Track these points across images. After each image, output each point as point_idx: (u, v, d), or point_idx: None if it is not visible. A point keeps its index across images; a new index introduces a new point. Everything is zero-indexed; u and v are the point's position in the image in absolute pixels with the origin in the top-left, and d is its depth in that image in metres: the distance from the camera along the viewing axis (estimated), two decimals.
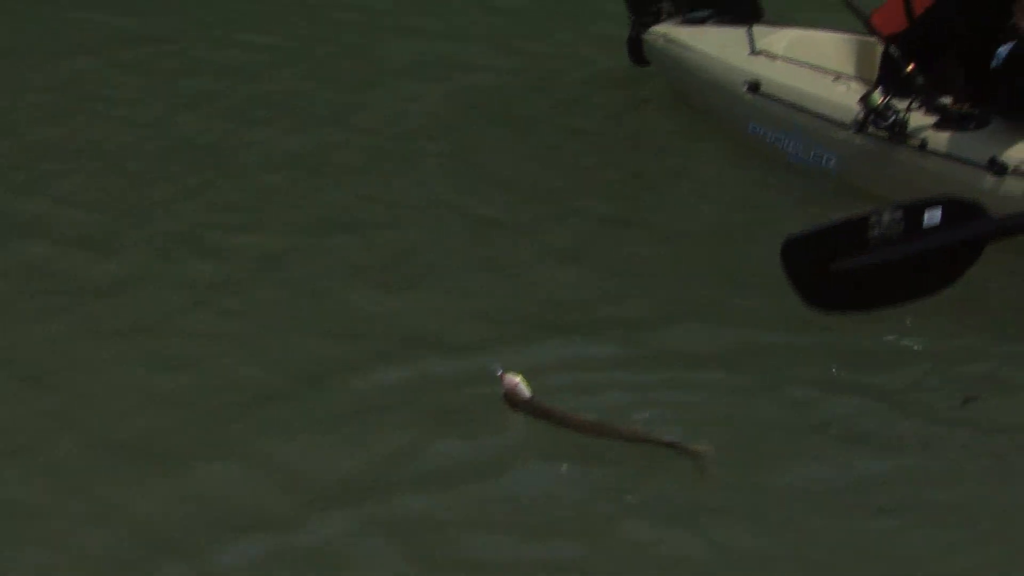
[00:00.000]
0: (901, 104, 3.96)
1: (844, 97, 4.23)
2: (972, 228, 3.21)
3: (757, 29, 4.81)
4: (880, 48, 4.37)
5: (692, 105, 4.90)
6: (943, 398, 3.11)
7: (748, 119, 4.51)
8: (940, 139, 3.85)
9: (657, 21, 5.14)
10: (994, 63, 3.77)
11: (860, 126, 4.05)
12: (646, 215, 4.25)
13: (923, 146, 3.85)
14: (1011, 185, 3.61)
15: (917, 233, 3.19)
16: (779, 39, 4.69)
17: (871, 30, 4.38)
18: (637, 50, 5.21)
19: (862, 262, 3.19)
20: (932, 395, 3.14)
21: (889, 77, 4.06)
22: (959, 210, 3.23)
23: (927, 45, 4.08)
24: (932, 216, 3.19)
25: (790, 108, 4.33)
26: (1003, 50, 3.69)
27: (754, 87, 4.48)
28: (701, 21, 5.06)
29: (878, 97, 3.95)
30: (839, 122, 4.14)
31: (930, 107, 3.95)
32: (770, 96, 4.42)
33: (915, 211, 3.20)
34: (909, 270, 3.19)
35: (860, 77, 4.43)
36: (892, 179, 3.91)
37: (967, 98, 3.92)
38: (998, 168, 3.68)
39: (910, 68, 3.93)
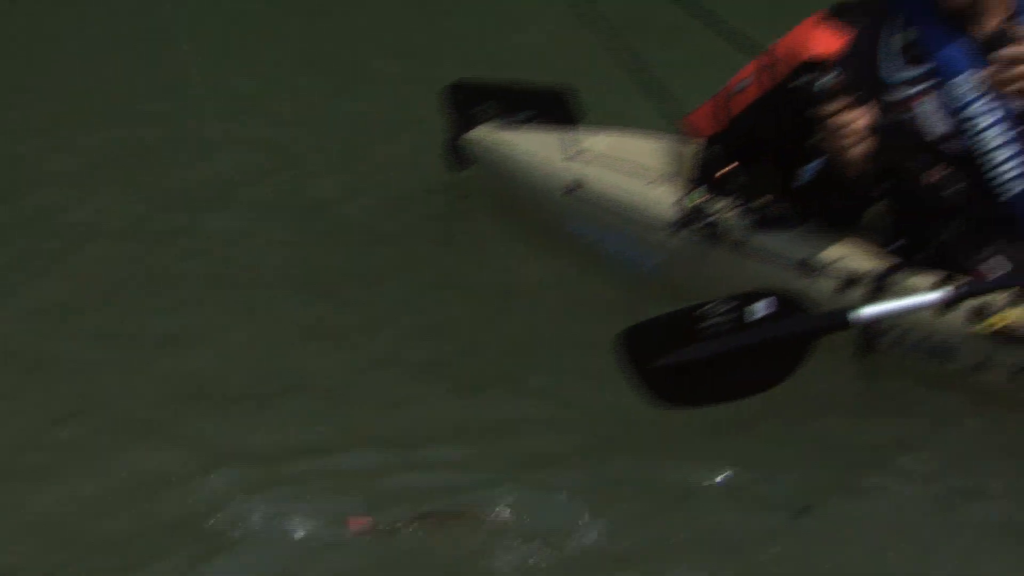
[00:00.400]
0: (718, 205, 4.03)
1: (662, 198, 4.29)
2: (796, 323, 3.25)
3: (576, 131, 4.88)
4: (695, 150, 4.46)
5: (513, 207, 4.93)
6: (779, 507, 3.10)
7: (568, 220, 4.54)
8: (755, 240, 3.91)
9: (477, 124, 5.18)
10: (802, 179, 3.85)
11: (678, 227, 4.10)
12: (462, 320, 4.23)
13: (739, 246, 3.92)
14: (821, 285, 3.67)
15: (747, 326, 3.21)
16: (598, 141, 4.77)
17: (687, 132, 4.45)
18: (457, 154, 5.23)
19: (694, 354, 3.20)
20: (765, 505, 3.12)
21: (706, 178, 4.13)
22: (785, 304, 3.27)
23: (742, 147, 4.17)
24: (760, 308, 3.23)
25: (609, 209, 4.38)
26: (810, 168, 3.78)
27: (573, 189, 4.52)
28: (521, 123, 5.11)
29: (696, 198, 4.02)
30: (657, 223, 4.19)
31: (746, 208, 4.02)
32: (589, 198, 4.46)
33: (745, 303, 3.24)
34: (740, 364, 3.21)
35: (677, 178, 4.50)
36: (709, 279, 3.96)
37: (782, 199, 3.99)
38: (809, 269, 3.74)
39: (726, 170, 3.99)
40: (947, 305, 3.35)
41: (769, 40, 4.13)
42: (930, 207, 3.65)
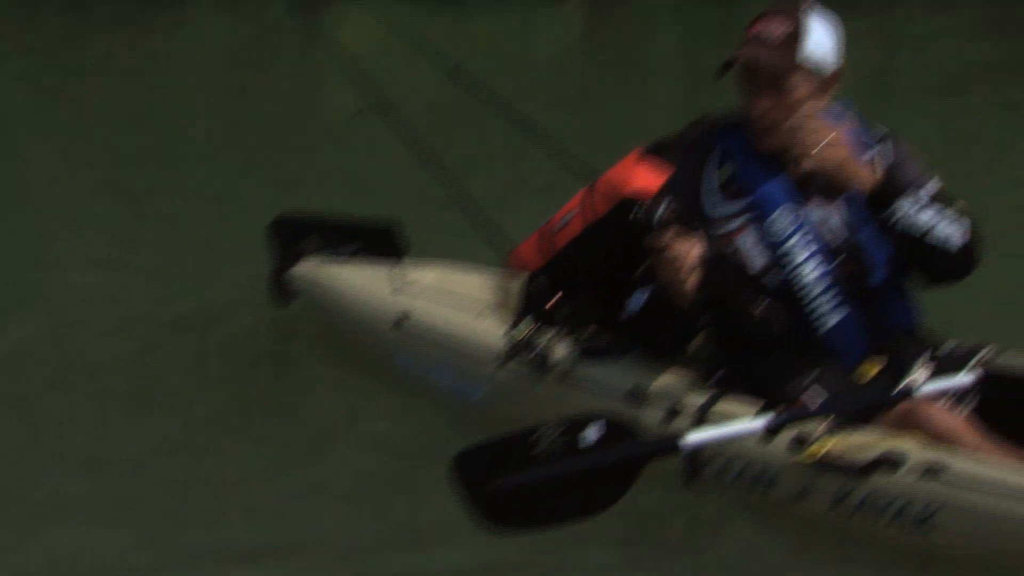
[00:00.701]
0: (545, 336, 4.07)
1: (488, 330, 4.32)
2: (627, 448, 3.30)
3: (402, 265, 4.92)
4: (522, 282, 4.52)
5: (342, 340, 4.92)
6: None
7: (396, 353, 4.54)
8: (582, 370, 3.95)
9: (302, 258, 5.17)
10: (629, 310, 3.91)
11: (505, 359, 4.13)
12: (292, 458, 4.17)
13: (566, 377, 3.96)
14: (649, 414, 3.72)
15: (578, 450, 3.24)
16: (424, 275, 4.81)
17: (514, 265, 4.51)
18: (282, 287, 5.21)
19: (527, 479, 3.21)
20: None
21: (532, 310, 4.18)
22: (616, 429, 3.32)
23: (567, 279, 4.23)
24: (591, 434, 3.26)
25: (436, 342, 4.40)
26: (637, 299, 3.85)
27: (400, 322, 4.52)
28: (347, 257, 5.12)
29: (523, 329, 4.05)
30: (485, 356, 4.21)
31: (572, 339, 4.06)
32: (416, 331, 4.47)
33: (576, 428, 3.27)
34: (572, 488, 3.22)
35: (503, 311, 4.55)
36: (538, 410, 3.96)
37: (607, 330, 4.05)
38: (636, 399, 3.80)
39: (552, 302, 4.05)
40: (770, 433, 3.42)
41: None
42: (752, 338, 3.74)
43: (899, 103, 10.73)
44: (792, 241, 3.70)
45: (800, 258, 3.69)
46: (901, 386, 3.60)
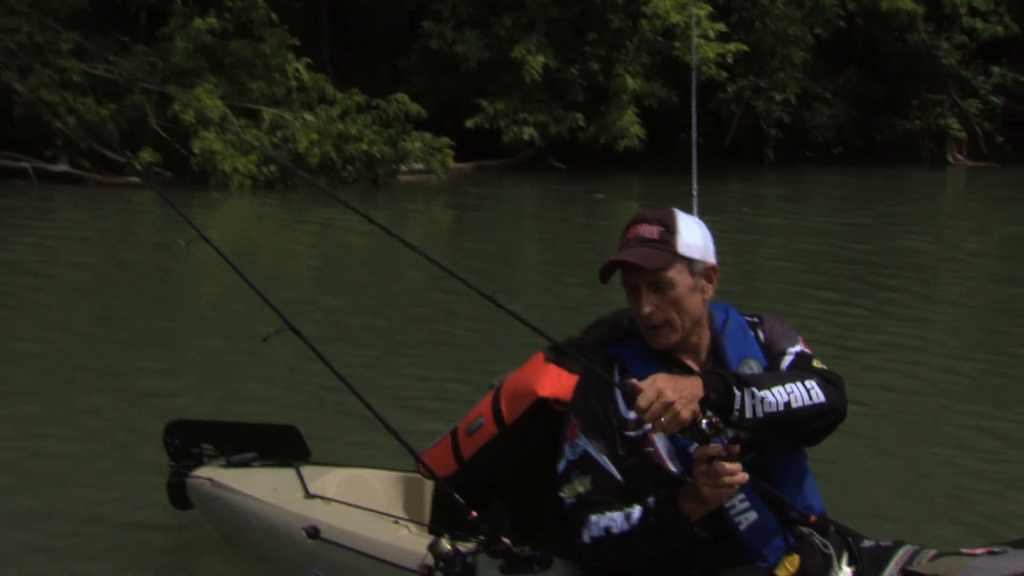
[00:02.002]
0: (467, 548, 4.04)
1: (406, 541, 4.29)
2: None
3: (307, 470, 4.84)
4: (434, 490, 4.51)
5: (244, 549, 4.84)
6: None
7: (308, 565, 4.48)
8: None
9: (199, 464, 5.10)
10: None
11: (428, 572, 4.10)
12: None
13: None
14: None
15: None
16: (331, 480, 4.74)
17: (423, 472, 4.48)
18: (179, 495, 5.12)
19: None
20: None
21: (450, 521, 4.16)
22: None
23: (481, 487, 4.23)
24: None
25: (352, 553, 4.35)
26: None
27: (313, 532, 4.47)
28: (247, 464, 5.04)
29: (446, 544, 4.02)
30: (405, 568, 4.18)
31: (494, 551, 4.04)
32: (331, 541, 4.42)
33: None
34: None
35: (416, 517, 4.54)
36: None
37: (523, 540, 4.05)
38: None
39: (474, 514, 4.03)
40: None
41: None
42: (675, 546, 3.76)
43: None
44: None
45: None
46: None
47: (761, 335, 3.87)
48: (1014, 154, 21.02)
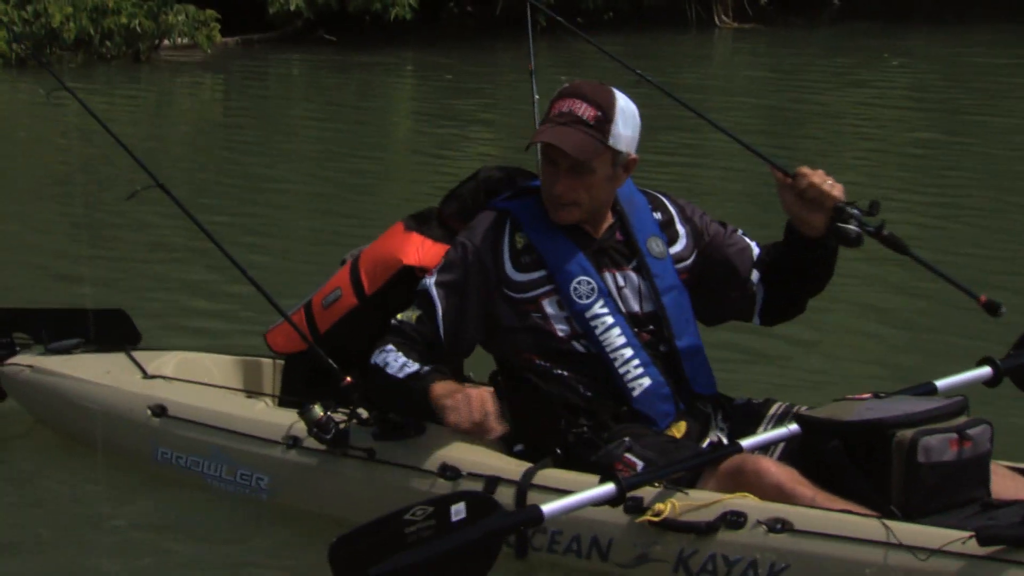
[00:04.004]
0: (338, 417, 3.86)
1: (265, 414, 4.10)
2: (493, 522, 3.25)
3: (139, 354, 4.57)
4: (270, 369, 4.31)
5: (75, 437, 4.52)
6: None
7: (154, 445, 4.22)
8: (386, 449, 3.79)
9: (12, 354, 4.75)
10: None
11: (294, 442, 3.91)
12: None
13: (371, 456, 3.77)
14: (466, 486, 3.60)
15: (448, 528, 3.18)
16: (166, 362, 4.50)
17: (273, 348, 4.27)
18: None
19: (400, 562, 3.12)
20: None
21: (316, 391, 3.96)
22: (479, 505, 3.26)
23: (340, 357, 4.03)
24: (458, 511, 3.19)
25: (207, 428, 4.11)
26: None
27: (159, 411, 4.21)
28: (69, 350, 4.71)
29: (319, 411, 3.84)
30: (267, 439, 3.97)
31: (365, 419, 3.88)
32: (181, 418, 4.17)
33: (443, 506, 3.20)
34: (446, 567, 3.16)
35: (267, 395, 4.33)
36: (340, 492, 3.82)
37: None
38: (450, 474, 3.68)
39: (347, 382, 3.84)
40: (617, 497, 3.37)
41: None
42: (557, 407, 3.70)
43: None
44: (595, 308, 3.70)
45: (606, 325, 3.69)
46: (725, 442, 3.65)
47: (659, 215, 3.86)
48: (778, 16, 21.35)
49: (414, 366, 3.70)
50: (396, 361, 3.72)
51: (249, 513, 4.00)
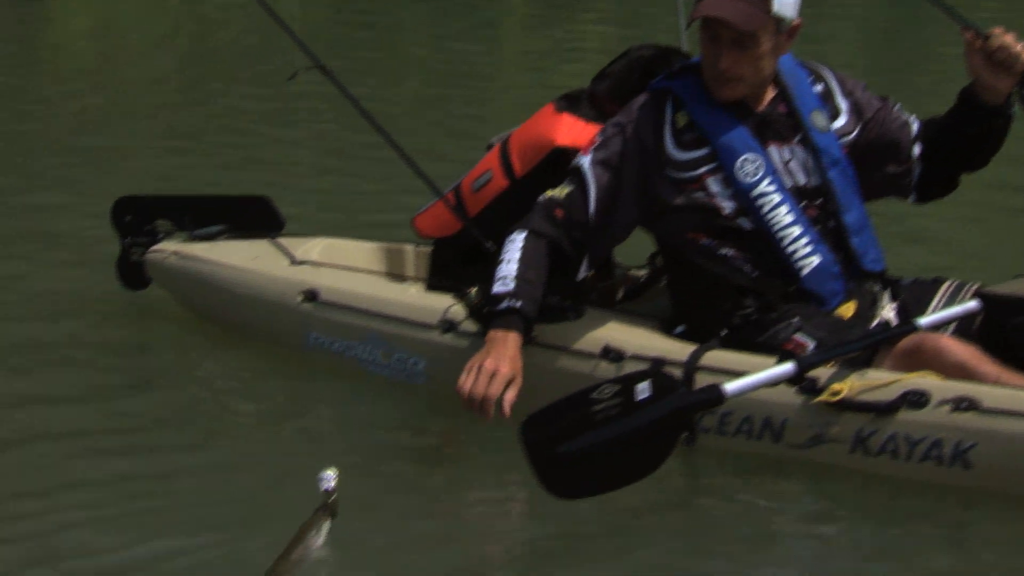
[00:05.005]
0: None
1: (418, 298, 4.04)
2: (676, 400, 3.21)
3: (284, 240, 4.52)
4: (414, 255, 4.26)
5: (223, 323, 4.51)
6: None
7: (307, 330, 4.19)
8: (546, 332, 3.71)
9: (155, 241, 4.73)
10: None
11: (451, 325, 3.86)
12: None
13: (531, 340, 3.70)
14: (630, 367, 3.53)
15: (633, 407, 3.14)
16: (312, 248, 4.44)
17: (420, 234, 4.21)
18: (132, 273, 4.76)
19: (588, 440, 3.11)
20: None
21: (479, 273, 3.90)
22: (663, 384, 3.22)
23: (495, 240, 3.95)
24: (643, 389, 3.16)
25: (361, 314, 4.07)
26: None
27: (311, 296, 4.17)
28: (212, 237, 4.69)
29: (476, 296, 3.78)
30: (423, 324, 3.92)
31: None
32: (334, 303, 4.13)
33: (629, 385, 3.17)
34: (631, 446, 3.14)
35: (409, 278, 4.26)
36: None
37: (557, 290, 3.81)
38: (613, 357, 3.60)
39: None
40: (796, 377, 3.29)
41: None
42: (722, 287, 3.61)
43: None
44: (763, 186, 3.59)
45: (773, 202, 3.59)
46: (900, 321, 3.54)
47: (819, 87, 3.74)
48: None
49: (510, 284, 3.60)
50: (508, 265, 3.64)
51: (409, 394, 3.96)
